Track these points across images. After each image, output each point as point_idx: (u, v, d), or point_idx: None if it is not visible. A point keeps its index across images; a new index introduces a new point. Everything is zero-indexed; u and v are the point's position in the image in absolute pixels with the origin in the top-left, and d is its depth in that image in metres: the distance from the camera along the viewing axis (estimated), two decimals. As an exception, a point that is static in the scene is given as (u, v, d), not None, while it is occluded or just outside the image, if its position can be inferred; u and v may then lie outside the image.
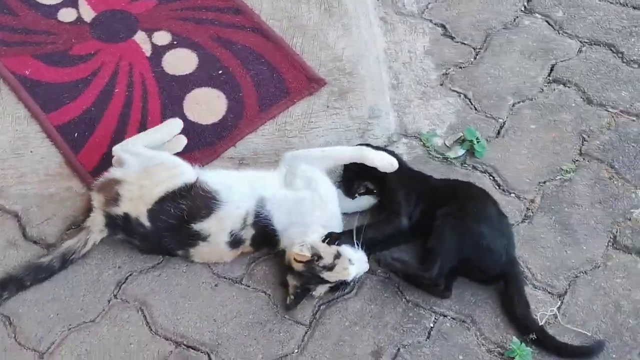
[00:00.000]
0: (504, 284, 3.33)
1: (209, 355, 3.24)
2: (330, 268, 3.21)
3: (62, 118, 3.77)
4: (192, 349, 3.26)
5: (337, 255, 3.22)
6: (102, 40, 4.07)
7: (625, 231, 3.52)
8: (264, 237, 3.37)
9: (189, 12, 4.19)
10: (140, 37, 4.09)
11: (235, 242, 3.33)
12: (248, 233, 3.34)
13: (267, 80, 3.93)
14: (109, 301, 3.37)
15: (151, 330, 3.30)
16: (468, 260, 3.29)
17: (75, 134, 3.74)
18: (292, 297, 3.30)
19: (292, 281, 3.31)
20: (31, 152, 3.74)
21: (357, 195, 3.56)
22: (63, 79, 3.92)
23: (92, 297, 3.39)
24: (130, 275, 3.44)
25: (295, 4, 4.25)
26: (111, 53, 4.02)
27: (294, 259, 3.23)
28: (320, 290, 3.31)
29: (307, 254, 3.19)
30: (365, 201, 3.59)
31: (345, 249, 3.24)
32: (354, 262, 3.23)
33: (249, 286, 3.40)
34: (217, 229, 3.30)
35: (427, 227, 3.36)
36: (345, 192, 3.54)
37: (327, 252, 3.23)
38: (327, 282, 3.25)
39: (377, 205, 3.57)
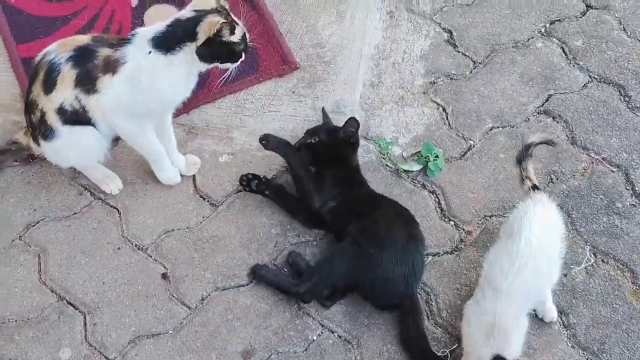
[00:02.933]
0: (401, 314, 3.15)
1: (84, 316, 3.20)
2: None
3: (30, 51, 3.74)
4: (72, 306, 3.24)
5: None
6: (96, -20, 4.02)
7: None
8: None
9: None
10: (134, -17, 4.02)
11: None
12: None
13: (240, 54, 3.79)
14: (12, 241, 3.37)
15: (40, 278, 3.29)
16: (362, 285, 3.14)
17: (38, 71, 3.70)
18: None
19: None
20: (-9, 78, 3.75)
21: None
22: (45, 12, 3.92)
23: (-2, 233, 3.37)
24: (43, 220, 3.42)
25: (300, -20, 4.08)
26: (100, -5, 3.97)
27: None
28: None
29: None
30: None
31: None
32: None
33: (150, 256, 3.34)
34: None
35: (336, 226, 3.31)
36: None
37: None
38: None
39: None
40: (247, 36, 3.11)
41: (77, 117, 3.14)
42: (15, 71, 3.75)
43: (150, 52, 3.02)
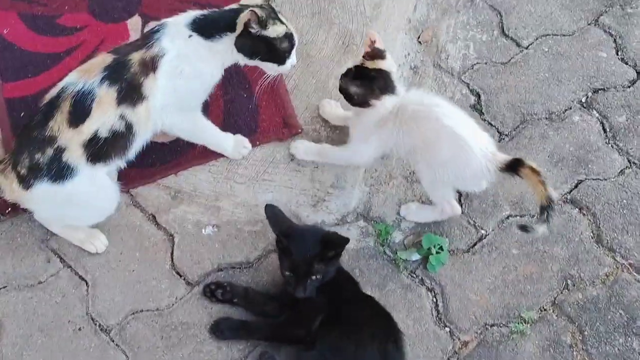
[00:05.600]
0: None
1: (31, 408, 2.95)
2: None
3: (16, 92, 3.52)
4: (20, 394, 2.97)
5: None
6: (94, 15, 3.73)
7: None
8: None
9: (197, 7, 3.72)
10: (134, 21, 3.71)
11: None
12: None
13: (239, 111, 3.50)
14: (-32, 310, 3.12)
15: (-9, 357, 3.03)
16: None
17: (22, 114, 3.45)
18: None
19: None
20: (-29, 119, 3.50)
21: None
22: (37, 48, 3.64)
23: (-45, 300, 3.15)
24: (5, 287, 3.18)
25: (315, 29, 3.71)
26: (96, 32, 3.67)
27: None
28: None
29: None
30: None
31: None
32: None
33: (112, 340, 3.08)
34: None
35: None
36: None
37: None
38: None
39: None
40: (296, 39, 3.07)
41: (115, 142, 2.95)
42: (-1, 112, 3.47)
43: (190, 36, 2.95)
